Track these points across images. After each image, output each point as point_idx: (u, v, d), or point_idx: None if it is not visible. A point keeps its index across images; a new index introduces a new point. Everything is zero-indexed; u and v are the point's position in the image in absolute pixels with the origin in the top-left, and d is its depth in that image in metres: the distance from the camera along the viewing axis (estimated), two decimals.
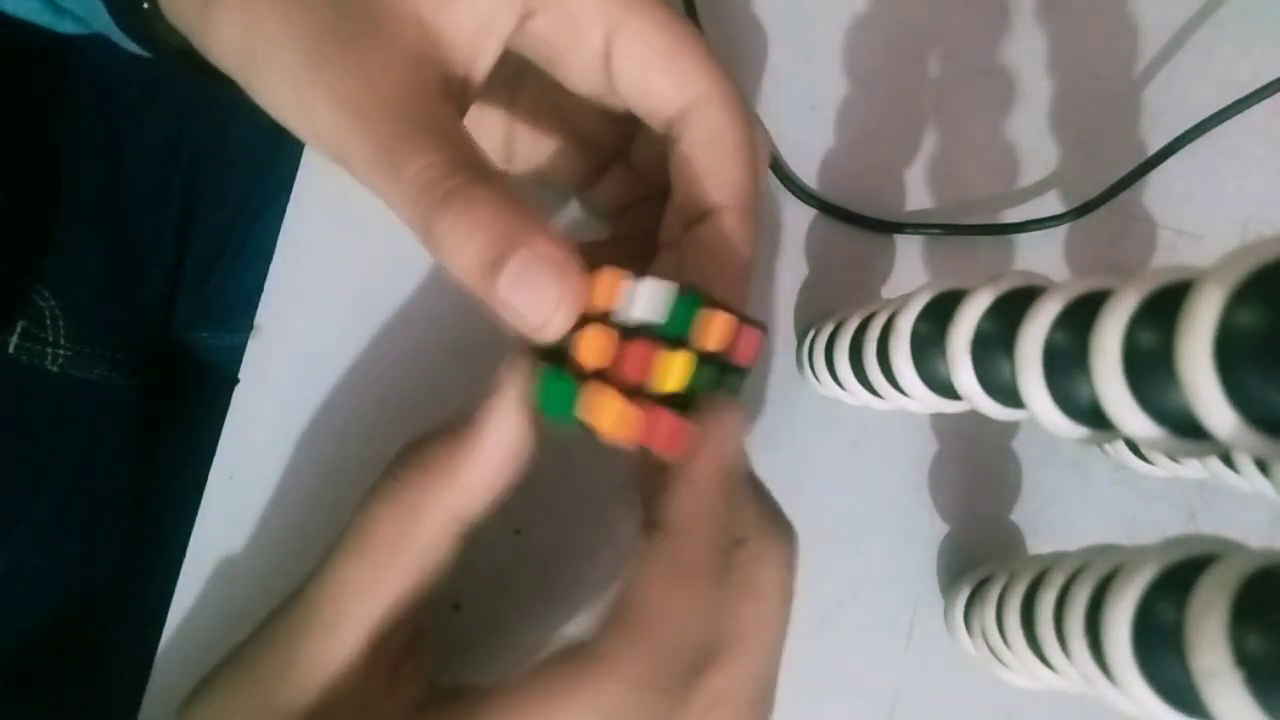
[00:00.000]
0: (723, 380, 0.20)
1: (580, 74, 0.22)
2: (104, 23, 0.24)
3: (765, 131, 0.25)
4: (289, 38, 0.19)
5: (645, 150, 0.26)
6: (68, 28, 0.26)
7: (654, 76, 0.21)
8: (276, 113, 0.21)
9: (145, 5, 0.23)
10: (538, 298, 0.17)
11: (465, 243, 0.17)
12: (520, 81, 0.26)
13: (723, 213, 0.21)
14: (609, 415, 0.17)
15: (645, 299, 0.18)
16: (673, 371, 0.18)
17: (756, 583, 0.21)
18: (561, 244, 0.17)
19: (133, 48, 0.25)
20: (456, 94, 0.21)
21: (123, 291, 0.39)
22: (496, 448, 0.20)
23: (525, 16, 0.21)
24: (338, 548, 0.21)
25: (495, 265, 0.17)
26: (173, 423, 0.42)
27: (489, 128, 0.27)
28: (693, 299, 0.18)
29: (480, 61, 0.21)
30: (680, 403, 0.18)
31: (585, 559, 0.29)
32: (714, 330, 0.19)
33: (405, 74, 0.19)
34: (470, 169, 0.18)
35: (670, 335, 0.18)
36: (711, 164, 0.21)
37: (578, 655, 0.18)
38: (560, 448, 0.24)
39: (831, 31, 0.33)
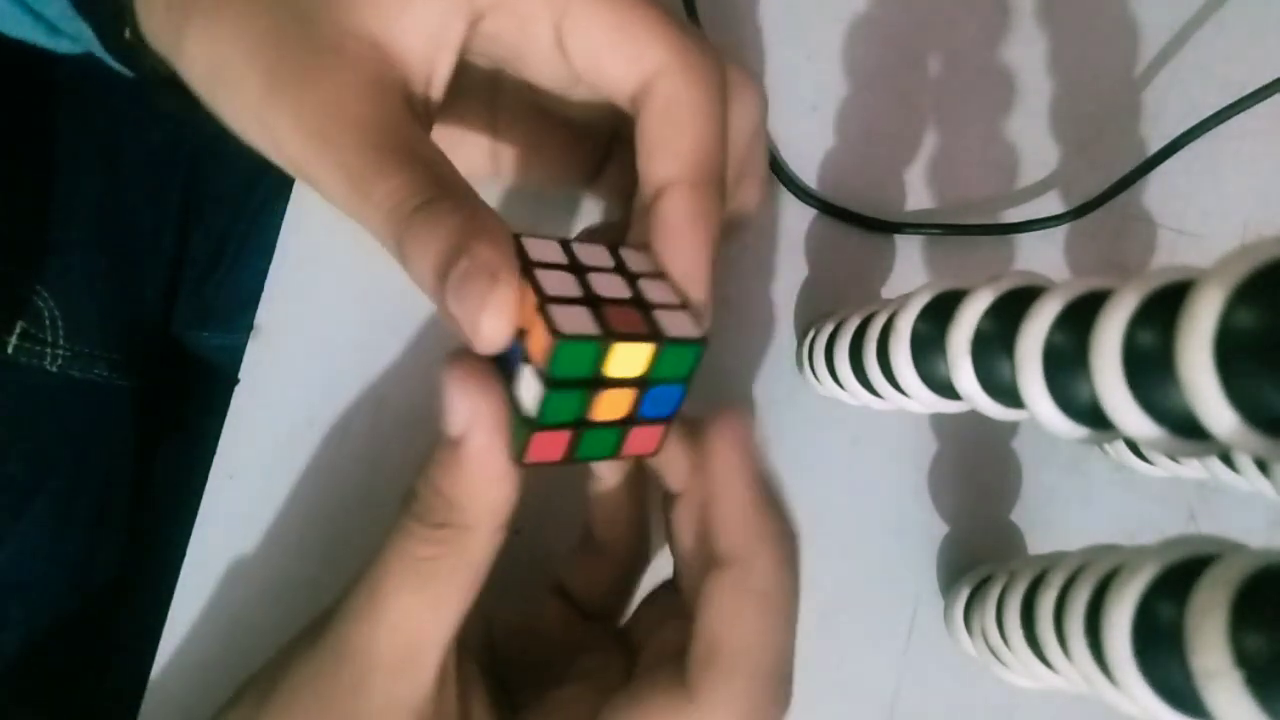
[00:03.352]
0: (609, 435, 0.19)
1: (541, 69, 0.22)
2: (95, 46, 0.24)
3: (760, 96, 0.23)
4: (249, 64, 0.19)
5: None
6: (63, 47, 0.26)
7: (605, 56, 0.20)
8: (245, 137, 0.21)
9: (127, 34, 0.22)
10: (470, 305, 0.17)
11: (423, 255, 0.17)
12: (498, 89, 0.26)
13: (673, 188, 0.20)
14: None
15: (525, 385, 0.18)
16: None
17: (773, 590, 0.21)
18: (502, 250, 0.17)
19: (124, 71, 0.25)
20: (419, 109, 0.21)
21: (122, 292, 0.39)
22: (491, 449, 0.19)
23: (474, 21, 0.20)
24: (378, 578, 0.19)
25: (442, 274, 0.17)
26: (173, 423, 0.42)
27: (472, 141, 0.26)
28: (565, 396, 0.18)
29: (437, 73, 0.21)
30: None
31: None
32: (599, 410, 0.18)
33: (365, 96, 0.19)
34: (435, 185, 0.18)
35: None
36: (663, 136, 0.20)
37: (678, 700, 0.18)
38: None
39: (831, 31, 0.33)
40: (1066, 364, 0.17)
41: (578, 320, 0.17)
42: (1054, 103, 0.33)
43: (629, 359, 0.18)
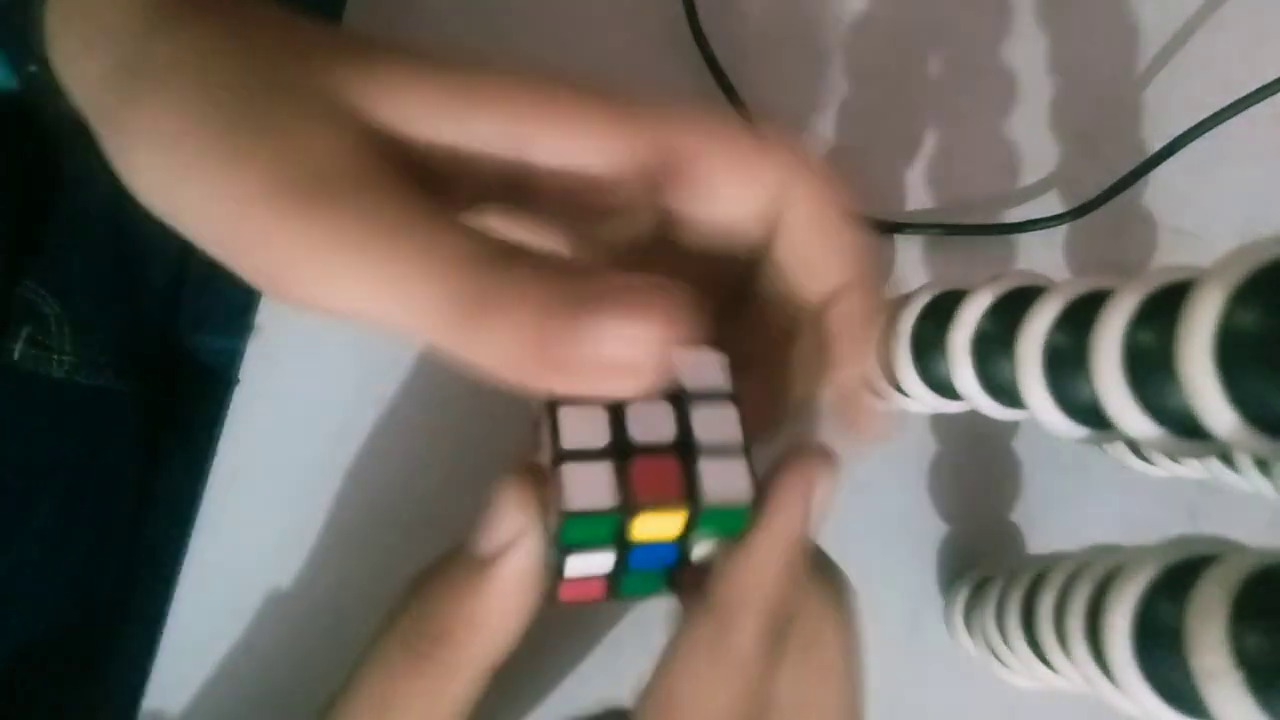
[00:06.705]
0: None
1: (702, 224, 0.19)
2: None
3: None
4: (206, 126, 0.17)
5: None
6: None
7: (819, 261, 0.19)
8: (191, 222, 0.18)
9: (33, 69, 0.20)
10: (634, 333, 0.14)
11: (521, 302, 0.14)
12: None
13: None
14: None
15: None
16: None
17: (817, 649, 0.20)
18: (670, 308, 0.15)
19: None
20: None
21: (127, 297, 0.39)
22: (520, 583, 0.17)
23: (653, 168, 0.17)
24: (347, 706, 0.18)
25: (576, 311, 0.14)
26: (174, 426, 0.42)
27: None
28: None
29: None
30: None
31: None
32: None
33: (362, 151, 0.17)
34: (491, 238, 0.15)
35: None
36: (843, 340, 0.19)
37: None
38: None
39: (831, 31, 0.33)
40: (1067, 364, 0.17)
41: (592, 488, 0.15)
42: (1054, 102, 0.33)
43: (658, 524, 0.16)
